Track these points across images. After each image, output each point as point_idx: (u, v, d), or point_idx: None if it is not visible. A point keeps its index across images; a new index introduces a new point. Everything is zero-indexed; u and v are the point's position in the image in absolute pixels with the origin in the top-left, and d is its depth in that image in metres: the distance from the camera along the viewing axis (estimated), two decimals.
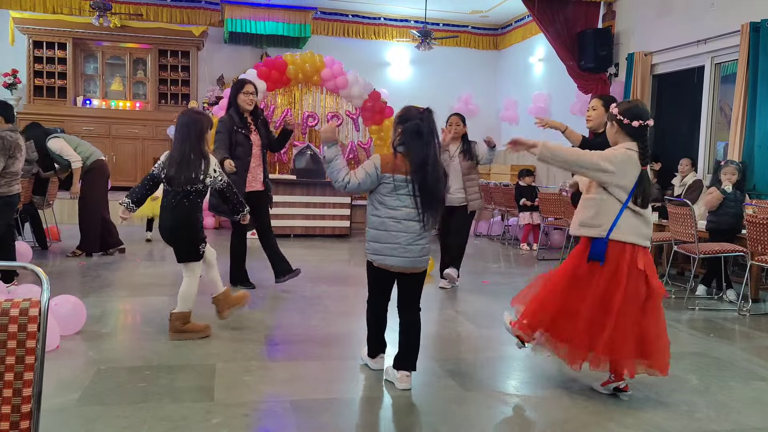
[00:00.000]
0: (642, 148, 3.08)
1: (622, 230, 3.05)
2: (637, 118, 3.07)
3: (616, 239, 3.05)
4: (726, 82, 7.62)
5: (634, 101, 3.26)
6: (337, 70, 9.95)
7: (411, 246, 3.12)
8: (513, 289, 6.02)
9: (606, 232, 3.05)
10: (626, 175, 3.04)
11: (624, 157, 3.06)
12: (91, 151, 6.64)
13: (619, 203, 3.05)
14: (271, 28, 10.96)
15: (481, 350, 4.03)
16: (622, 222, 3.05)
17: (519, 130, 11.99)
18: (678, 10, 7.94)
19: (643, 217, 3.09)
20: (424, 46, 10.77)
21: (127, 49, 11.18)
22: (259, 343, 3.91)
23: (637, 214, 3.07)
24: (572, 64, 9.10)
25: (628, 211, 3.05)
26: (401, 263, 3.13)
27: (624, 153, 3.07)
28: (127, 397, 2.97)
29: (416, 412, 2.97)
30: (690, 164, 7.05)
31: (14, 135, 4.98)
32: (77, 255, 6.58)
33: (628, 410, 3.04)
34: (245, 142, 4.99)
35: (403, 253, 3.12)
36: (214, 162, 3.87)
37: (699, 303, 5.43)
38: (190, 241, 3.85)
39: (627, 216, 3.05)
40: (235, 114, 5.02)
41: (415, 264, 3.16)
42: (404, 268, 3.15)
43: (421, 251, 3.16)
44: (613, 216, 3.05)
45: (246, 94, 5.02)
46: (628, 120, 3.08)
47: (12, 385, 1.52)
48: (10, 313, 1.53)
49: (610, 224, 3.05)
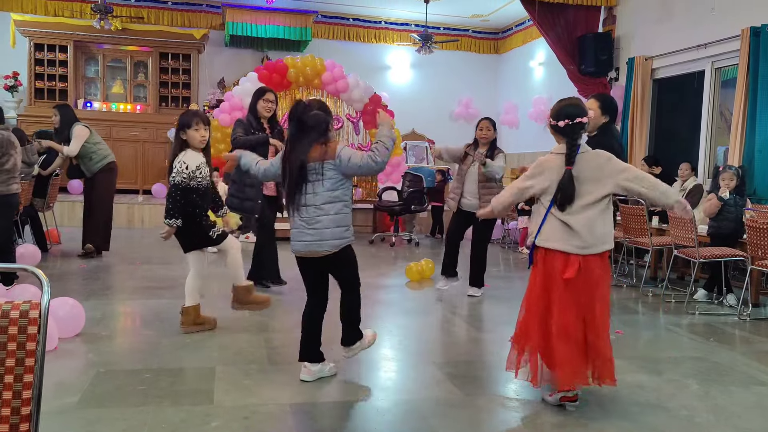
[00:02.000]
0: (569, 147, 3.03)
1: (545, 236, 3.05)
2: (563, 118, 3.05)
3: (542, 245, 3.06)
4: (726, 87, 7.62)
5: (565, 100, 3.19)
6: (337, 73, 9.96)
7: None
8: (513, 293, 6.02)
9: (534, 237, 3.09)
10: (542, 180, 3.06)
11: (541, 161, 3.12)
12: (109, 152, 6.83)
13: (544, 209, 3.07)
14: (271, 31, 10.98)
15: (480, 354, 4.03)
16: (546, 228, 3.05)
17: (519, 133, 12.01)
18: (678, 14, 7.95)
19: (566, 224, 3.00)
20: (424, 50, 10.79)
21: (128, 51, 11.20)
22: (258, 346, 3.91)
23: (560, 221, 3.02)
24: (573, 69, 9.11)
25: (551, 216, 3.04)
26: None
27: (547, 158, 3.10)
28: (126, 400, 2.97)
29: (416, 416, 2.96)
30: (689, 168, 7.05)
31: (5, 133, 4.95)
32: (90, 252, 6.63)
33: (627, 414, 3.04)
34: (263, 142, 5.07)
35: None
36: (182, 159, 3.90)
37: (699, 307, 5.43)
38: (192, 233, 4.00)
39: (551, 222, 3.04)
40: (254, 119, 5.16)
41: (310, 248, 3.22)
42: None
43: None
44: (539, 222, 3.08)
45: (266, 102, 5.16)
46: (555, 121, 3.09)
47: (12, 387, 1.52)
48: (10, 315, 1.53)
49: (536, 230, 3.08)
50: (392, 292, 5.69)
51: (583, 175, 3.02)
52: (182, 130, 3.92)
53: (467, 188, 5.47)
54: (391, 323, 4.63)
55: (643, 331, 4.65)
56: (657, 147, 8.59)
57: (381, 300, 5.39)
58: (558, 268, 3.00)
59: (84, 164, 6.63)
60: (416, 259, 6.68)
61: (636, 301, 5.70)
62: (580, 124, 3.04)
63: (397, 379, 3.53)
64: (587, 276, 2.99)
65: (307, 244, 3.19)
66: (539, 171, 3.10)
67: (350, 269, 3.34)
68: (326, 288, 3.37)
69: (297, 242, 3.23)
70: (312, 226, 3.16)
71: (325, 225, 3.15)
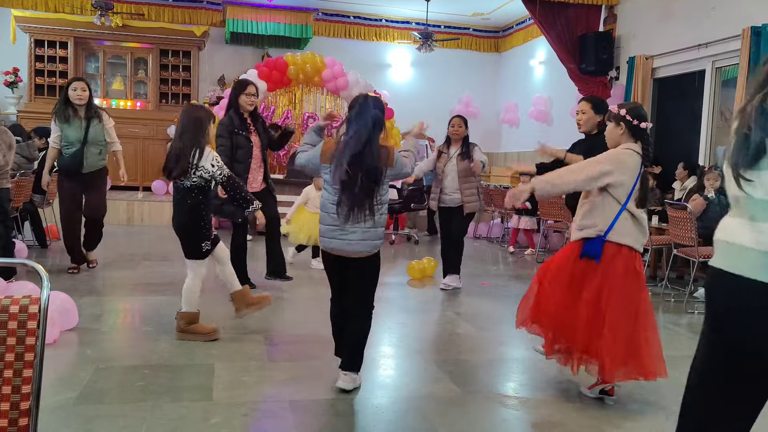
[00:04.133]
0: (645, 149, 3.08)
1: (619, 232, 3.03)
2: (643, 119, 3.07)
3: (613, 241, 3.03)
4: (727, 87, 7.61)
5: (636, 103, 3.27)
6: (338, 71, 9.95)
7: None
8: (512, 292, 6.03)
9: (603, 232, 3.03)
10: (626, 173, 3.02)
11: (624, 155, 3.05)
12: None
13: (618, 204, 3.02)
14: (272, 28, 10.96)
15: (480, 352, 4.03)
16: (620, 224, 3.02)
17: (519, 132, 12.00)
18: (679, 14, 7.94)
19: (640, 222, 3.06)
20: (425, 48, 10.78)
21: (129, 48, 11.18)
22: (258, 343, 3.91)
23: (634, 218, 3.04)
24: (573, 67, 9.10)
25: (627, 213, 3.03)
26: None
27: (624, 152, 3.06)
28: (125, 396, 2.97)
29: (415, 414, 2.96)
30: (683, 168, 7.07)
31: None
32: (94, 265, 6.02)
33: (627, 414, 3.04)
34: (246, 144, 4.97)
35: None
36: (213, 156, 3.79)
37: (698, 306, 5.43)
38: (192, 238, 3.85)
39: (625, 218, 3.03)
40: (235, 115, 4.97)
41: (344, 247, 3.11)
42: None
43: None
44: (611, 216, 3.02)
45: (248, 95, 4.99)
46: (637, 121, 3.07)
47: (11, 382, 1.52)
48: (9, 310, 1.53)
49: (608, 225, 3.02)
50: (393, 290, 5.69)
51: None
52: (207, 124, 3.77)
53: (446, 185, 5.65)
54: (391, 321, 4.63)
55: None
56: (657, 146, 8.57)
57: (382, 298, 5.37)
58: (633, 265, 3.03)
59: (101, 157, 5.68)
60: (417, 257, 6.69)
61: None
62: (648, 128, 3.11)
63: (397, 376, 3.53)
64: (641, 271, 3.09)
65: (349, 242, 3.07)
66: (620, 164, 3.03)
67: (372, 280, 3.23)
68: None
69: (336, 240, 3.09)
70: (359, 227, 3.06)
71: (372, 225, 3.08)
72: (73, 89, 5.47)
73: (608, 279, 3.02)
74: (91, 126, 5.51)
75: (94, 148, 5.54)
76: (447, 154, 5.68)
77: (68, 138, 5.46)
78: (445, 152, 5.70)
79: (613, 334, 2.97)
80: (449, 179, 5.62)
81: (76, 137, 5.46)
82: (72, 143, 5.46)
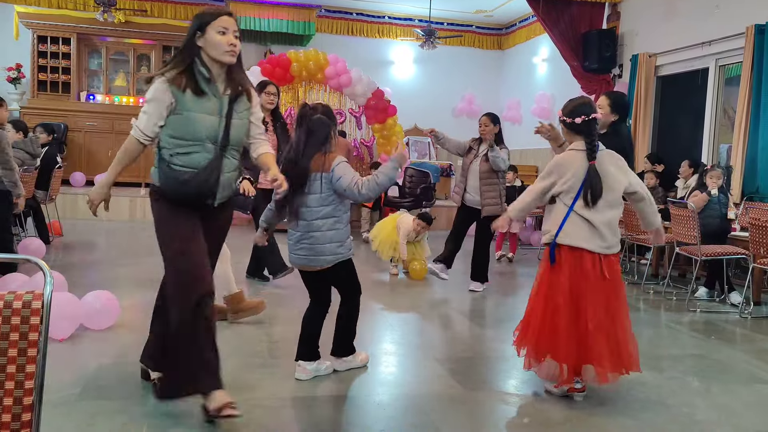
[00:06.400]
0: (589, 143, 3.05)
1: (569, 235, 3.03)
2: (579, 115, 3.07)
3: (565, 243, 3.03)
4: (730, 85, 7.60)
5: (577, 99, 3.24)
6: (340, 68, 9.93)
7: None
8: (514, 290, 6.02)
9: (554, 236, 3.06)
10: (564, 175, 3.04)
11: (563, 159, 3.10)
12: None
13: (565, 207, 3.05)
14: (275, 25, 10.96)
15: (481, 350, 4.03)
16: (568, 227, 3.03)
17: (522, 130, 11.98)
18: (683, 11, 7.92)
19: (591, 223, 3.00)
20: (428, 45, 10.77)
21: (131, 44, 11.19)
22: (259, 340, 3.92)
23: (583, 219, 3.01)
24: (576, 65, 9.09)
25: (574, 214, 3.03)
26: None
27: (564, 156, 3.10)
28: (128, 392, 2.98)
29: (416, 411, 2.97)
30: (689, 166, 7.04)
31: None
32: None
33: (628, 411, 3.04)
34: None
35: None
36: None
37: (700, 305, 5.42)
38: None
39: (573, 220, 3.03)
40: None
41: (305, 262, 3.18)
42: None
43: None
44: (560, 220, 3.05)
45: (268, 95, 5.03)
46: (571, 119, 3.09)
47: (14, 377, 1.52)
48: (12, 305, 1.53)
49: (557, 228, 3.05)
50: (394, 288, 5.69)
51: (603, 173, 3.03)
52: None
53: (470, 183, 5.48)
54: (392, 318, 4.64)
55: (645, 329, 4.64)
56: (660, 144, 8.58)
57: (382, 295, 5.39)
58: (587, 266, 3.01)
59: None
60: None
61: (637, 299, 5.69)
62: (594, 120, 3.08)
63: (398, 373, 3.53)
64: (612, 275, 3.04)
65: (300, 257, 3.17)
66: (559, 169, 3.08)
67: (348, 281, 3.29)
68: (328, 293, 3.34)
69: (292, 254, 3.21)
70: (305, 241, 3.11)
71: (318, 240, 3.09)
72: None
73: (576, 282, 3.02)
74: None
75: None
76: (475, 151, 5.49)
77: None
78: (474, 149, 5.50)
79: (594, 337, 2.97)
80: (470, 179, 5.47)
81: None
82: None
